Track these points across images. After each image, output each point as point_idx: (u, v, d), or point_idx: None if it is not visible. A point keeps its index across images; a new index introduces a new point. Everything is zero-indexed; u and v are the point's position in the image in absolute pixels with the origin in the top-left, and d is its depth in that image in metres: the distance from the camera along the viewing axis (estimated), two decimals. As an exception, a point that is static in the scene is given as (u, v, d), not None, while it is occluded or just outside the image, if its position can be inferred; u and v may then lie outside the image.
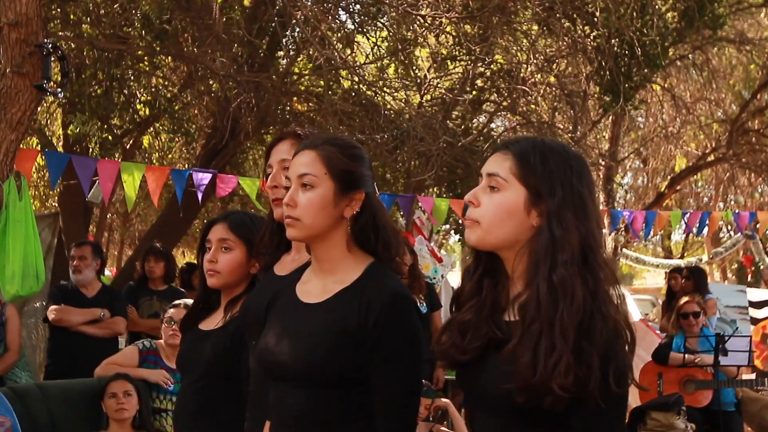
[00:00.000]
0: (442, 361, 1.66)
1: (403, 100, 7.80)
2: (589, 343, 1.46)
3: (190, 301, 4.38)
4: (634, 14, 6.66)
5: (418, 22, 7.07)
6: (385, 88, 7.74)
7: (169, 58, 7.57)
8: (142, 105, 8.31)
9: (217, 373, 2.32)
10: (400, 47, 7.15)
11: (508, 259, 1.63)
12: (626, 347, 1.52)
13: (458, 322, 1.65)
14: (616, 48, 6.91)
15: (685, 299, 5.97)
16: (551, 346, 1.47)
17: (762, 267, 11.99)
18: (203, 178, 5.70)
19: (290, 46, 7.83)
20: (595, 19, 6.81)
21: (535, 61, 7.62)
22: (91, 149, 8.08)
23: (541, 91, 8.26)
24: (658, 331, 7.25)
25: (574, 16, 7.26)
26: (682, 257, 16.01)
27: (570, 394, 1.44)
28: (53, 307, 5.02)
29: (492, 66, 8.07)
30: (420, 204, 6.84)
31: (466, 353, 1.61)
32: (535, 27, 7.82)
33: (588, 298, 1.51)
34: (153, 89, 8.32)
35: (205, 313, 2.50)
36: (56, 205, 9.43)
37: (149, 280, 5.77)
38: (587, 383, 1.44)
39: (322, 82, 7.23)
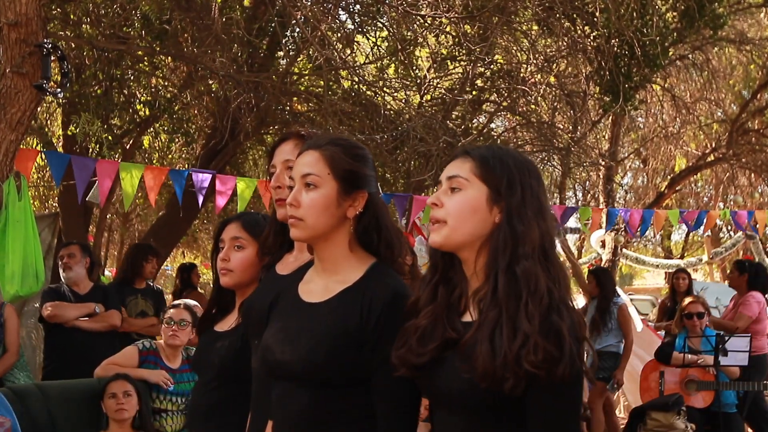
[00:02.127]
0: (400, 367, 1.65)
1: (403, 100, 7.79)
2: (560, 320, 1.51)
3: (190, 302, 4.40)
4: (634, 14, 6.65)
5: (418, 22, 7.07)
6: (385, 88, 7.73)
7: (169, 58, 7.56)
8: (141, 105, 8.30)
9: (228, 374, 2.32)
10: (400, 47, 7.15)
11: (469, 259, 1.67)
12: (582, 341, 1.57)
13: (414, 328, 1.67)
14: (616, 48, 6.90)
15: (689, 299, 5.96)
16: (514, 330, 1.51)
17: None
18: (203, 179, 5.69)
19: (290, 46, 7.82)
20: (595, 19, 6.80)
21: (534, 61, 7.62)
22: (91, 149, 8.06)
23: (541, 91, 8.25)
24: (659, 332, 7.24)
25: (574, 16, 7.26)
26: (682, 257, 16.01)
27: (542, 370, 1.47)
28: (47, 303, 5.00)
29: (492, 66, 8.06)
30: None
31: (422, 355, 1.63)
32: (535, 27, 7.82)
33: (552, 287, 1.56)
34: (153, 89, 8.31)
35: (220, 314, 2.51)
36: (56, 205, 9.42)
37: (134, 279, 5.69)
38: (558, 361, 1.48)
39: (322, 82, 7.22)
